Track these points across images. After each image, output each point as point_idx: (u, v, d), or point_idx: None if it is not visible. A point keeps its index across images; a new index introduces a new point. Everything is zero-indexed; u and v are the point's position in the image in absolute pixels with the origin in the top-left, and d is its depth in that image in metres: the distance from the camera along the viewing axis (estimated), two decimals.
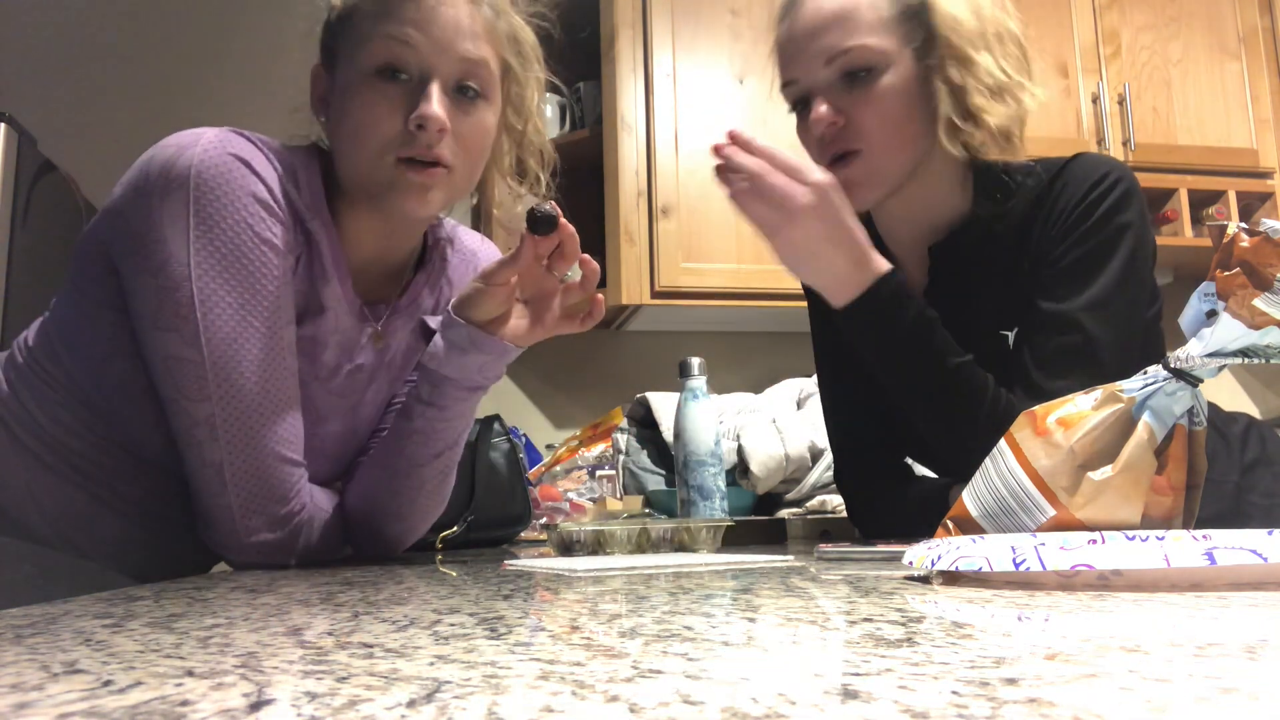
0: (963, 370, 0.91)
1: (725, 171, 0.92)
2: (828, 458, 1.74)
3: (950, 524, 0.68)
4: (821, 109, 0.95)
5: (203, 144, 0.83)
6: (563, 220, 0.84)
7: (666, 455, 1.92)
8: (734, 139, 0.91)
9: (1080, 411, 0.63)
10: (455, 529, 1.21)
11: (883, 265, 0.92)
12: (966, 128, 0.94)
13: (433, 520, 1.01)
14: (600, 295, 0.91)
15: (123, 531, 0.89)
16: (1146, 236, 0.96)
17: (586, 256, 0.88)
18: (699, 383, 1.25)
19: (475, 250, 1.10)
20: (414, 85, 0.86)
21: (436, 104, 0.84)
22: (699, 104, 2.19)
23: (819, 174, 0.90)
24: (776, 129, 2.24)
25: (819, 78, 0.96)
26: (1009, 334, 0.97)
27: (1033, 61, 0.99)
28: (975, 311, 1.00)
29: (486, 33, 0.89)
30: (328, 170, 0.93)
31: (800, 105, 1.00)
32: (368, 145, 0.86)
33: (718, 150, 0.92)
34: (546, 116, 0.96)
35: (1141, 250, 0.95)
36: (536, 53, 0.97)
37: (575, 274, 0.89)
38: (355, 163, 0.88)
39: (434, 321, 1.04)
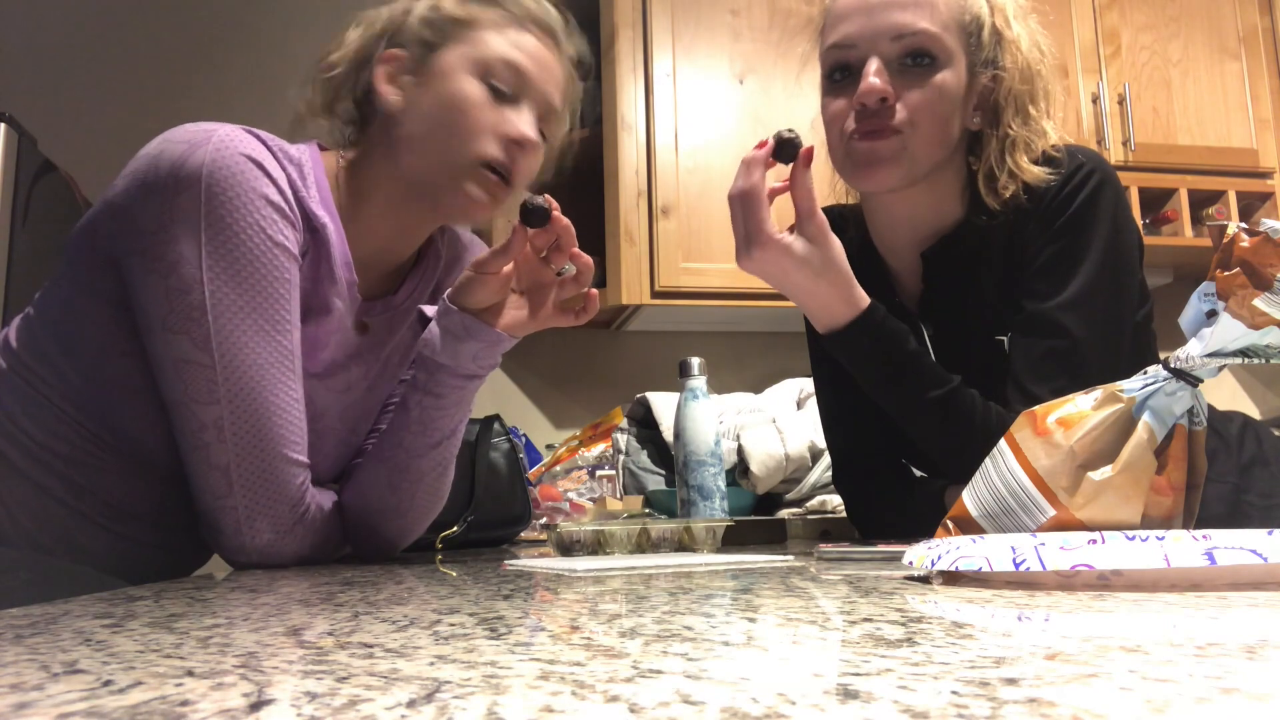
0: (949, 400, 0.91)
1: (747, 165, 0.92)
2: (828, 457, 1.74)
3: (950, 524, 0.68)
4: (874, 80, 0.92)
5: (214, 143, 0.82)
6: (556, 214, 0.86)
7: (666, 455, 1.92)
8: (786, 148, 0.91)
9: (1080, 411, 0.63)
10: (455, 529, 1.21)
11: (862, 301, 0.92)
12: (1002, 179, 0.95)
13: (430, 519, 1.00)
14: (594, 291, 0.93)
15: (102, 544, 0.88)
16: (1124, 227, 0.96)
17: (578, 251, 0.89)
18: (699, 383, 1.25)
19: (470, 251, 1.10)
20: (507, 104, 0.92)
21: (533, 129, 0.92)
22: (699, 104, 2.19)
23: (768, 244, 0.89)
24: (774, 128, 2.24)
25: (880, 50, 0.94)
26: (1004, 339, 0.97)
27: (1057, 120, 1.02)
28: (971, 317, 1.00)
29: (565, 88, 0.98)
30: (340, 166, 0.94)
31: (839, 73, 0.98)
32: (463, 138, 0.90)
33: (764, 145, 0.92)
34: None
35: (1119, 241, 0.94)
36: (575, 115, 1.05)
37: (571, 269, 0.90)
38: (438, 149, 0.91)
39: (431, 310, 1.05)
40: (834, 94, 0.98)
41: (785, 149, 0.89)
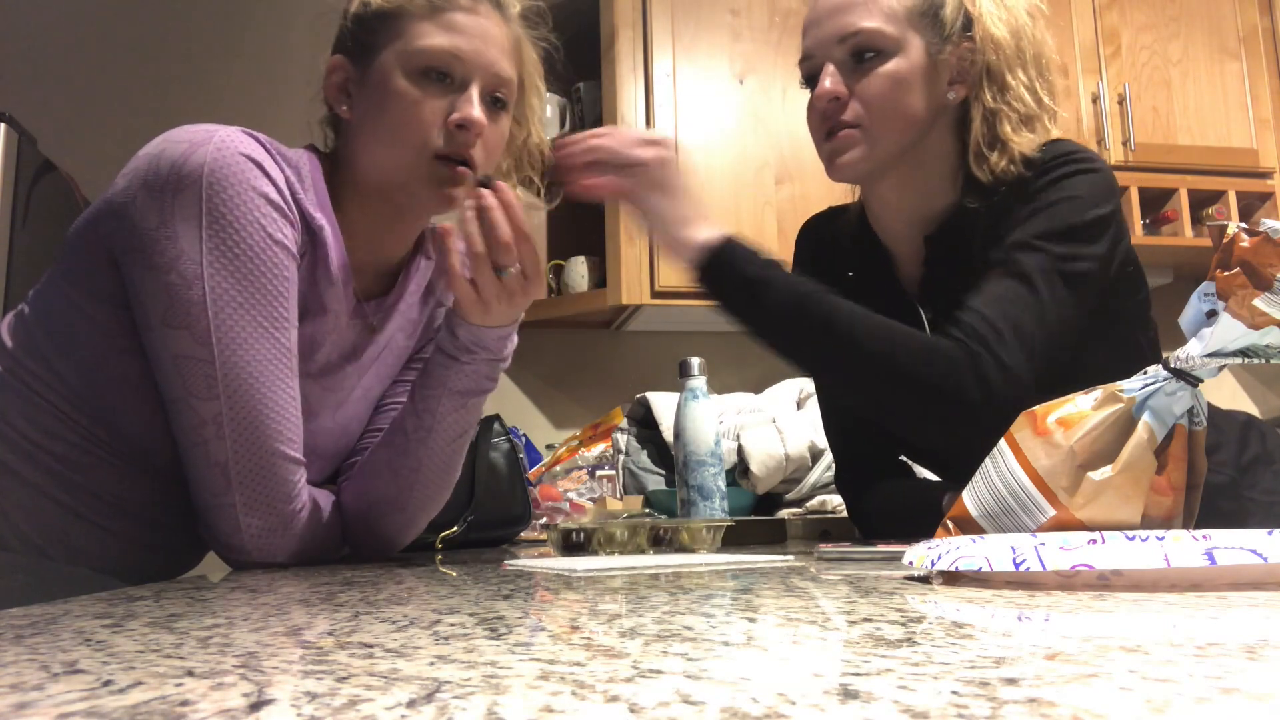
0: (814, 298, 0.91)
1: (570, 174, 0.95)
2: (828, 458, 1.74)
3: (950, 524, 0.68)
4: (825, 84, 0.99)
5: (215, 143, 0.83)
6: (492, 200, 0.87)
7: (666, 455, 1.92)
8: (559, 145, 0.96)
9: (1080, 411, 0.63)
10: (455, 529, 1.21)
11: (720, 228, 0.96)
12: (993, 156, 0.97)
13: (430, 516, 1.00)
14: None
15: (97, 543, 0.88)
16: (1101, 204, 0.94)
17: (519, 239, 0.88)
18: (699, 383, 1.25)
19: None
20: (453, 89, 0.91)
21: (477, 108, 0.90)
22: (699, 104, 2.19)
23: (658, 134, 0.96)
24: (774, 128, 2.25)
25: (831, 55, 1.00)
26: None
27: (1057, 82, 1.03)
28: None
29: (514, 51, 0.96)
30: (329, 171, 0.95)
31: (811, 81, 1.03)
32: (409, 139, 0.90)
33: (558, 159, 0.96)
34: (546, 117, 1.03)
35: (1093, 213, 0.93)
36: (539, 69, 1.03)
37: (514, 269, 0.88)
38: (388, 155, 0.91)
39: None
40: (810, 102, 1.04)
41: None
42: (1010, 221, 0.96)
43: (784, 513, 1.73)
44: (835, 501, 1.70)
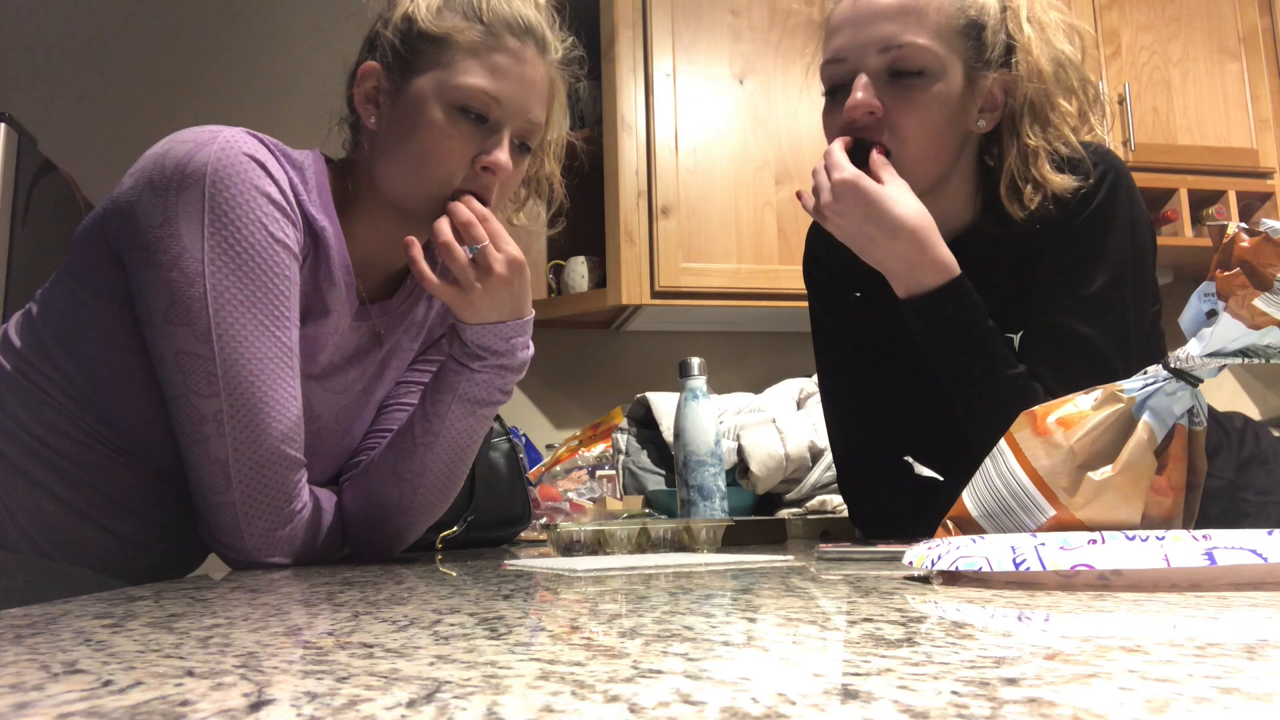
0: (1020, 381, 0.90)
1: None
2: (828, 458, 1.74)
3: (950, 524, 0.68)
4: (859, 94, 0.92)
5: (219, 143, 0.84)
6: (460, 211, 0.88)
7: (666, 455, 1.92)
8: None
9: (1080, 411, 0.63)
10: (455, 529, 1.21)
11: (953, 268, 0.91)
12: (1027, 191, 0.93)
13: (430, 520, 1.00)
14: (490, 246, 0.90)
15: (99, 542, 0.88)
16: (1140, 225, 0.94)
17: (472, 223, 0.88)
18: (699, 383, 1.25)
19: None
20: (486, 130, 0.91)
21: (506, 154, 0.91)
22: (699, 104, 2.19)
23: (844, 172, 0.90)
24: (774, 128, 2.25)
25: (868, 64, 0.93)
26: (1015, 337, 0.97)
27: (1108, 108, 1.00)
28: None
29: (548, 96, 0.97)
30: (340, 173, 0.95)
31: (834, 88, 0.97)
32: (433, 170, 0.90)
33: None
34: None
35: (1134, 240, 0.94)
36: (564, 108, 1.04)
37: (478, 247, 0.89)
38: (408, 179, 0.91)
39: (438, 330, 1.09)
40: (831, 109, 0.98)
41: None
42: (1046, 237, 0.94)
43: (784, 513, 1.73)
44: (835, 501, 1.70)
